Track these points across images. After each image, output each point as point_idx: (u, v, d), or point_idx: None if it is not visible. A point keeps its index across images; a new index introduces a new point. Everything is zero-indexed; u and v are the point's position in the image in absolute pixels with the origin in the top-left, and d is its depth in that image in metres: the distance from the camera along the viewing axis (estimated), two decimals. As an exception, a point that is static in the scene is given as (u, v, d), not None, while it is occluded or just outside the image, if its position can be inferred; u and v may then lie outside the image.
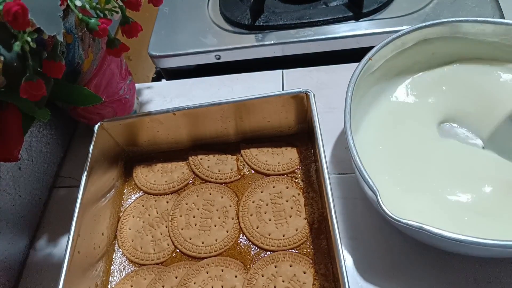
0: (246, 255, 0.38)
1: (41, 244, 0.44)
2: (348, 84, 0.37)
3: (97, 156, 0.40)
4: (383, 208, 0.30)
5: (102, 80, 0.42)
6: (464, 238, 0.28)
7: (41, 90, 0.28)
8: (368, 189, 0.32)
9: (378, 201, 0.30)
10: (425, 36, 0.41)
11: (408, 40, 0.41)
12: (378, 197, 0.31)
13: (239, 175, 0.43)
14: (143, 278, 0.38)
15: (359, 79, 0.38)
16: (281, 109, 0.42)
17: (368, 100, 0.42)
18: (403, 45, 0.41)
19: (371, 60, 0.39)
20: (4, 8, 0.23)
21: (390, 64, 0.42)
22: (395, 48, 0.41)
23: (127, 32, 0.33)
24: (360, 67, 0.38)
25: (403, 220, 0.29)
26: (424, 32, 0.40)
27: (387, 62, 0.41)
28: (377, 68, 0.41)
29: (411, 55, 0.42)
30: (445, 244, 0.32)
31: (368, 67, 0.39)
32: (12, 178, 0.41)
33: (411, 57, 0.42)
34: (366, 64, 0.38)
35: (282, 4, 0.60)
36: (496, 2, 0.52)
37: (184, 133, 0.44)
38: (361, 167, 0.32)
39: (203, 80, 0.56)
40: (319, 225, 0.38)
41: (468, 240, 0.28)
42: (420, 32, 0.40)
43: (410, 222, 0.29)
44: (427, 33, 0.41)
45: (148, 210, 0.43)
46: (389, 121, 0.42)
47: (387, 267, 0.36)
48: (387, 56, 0.41)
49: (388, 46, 0.40)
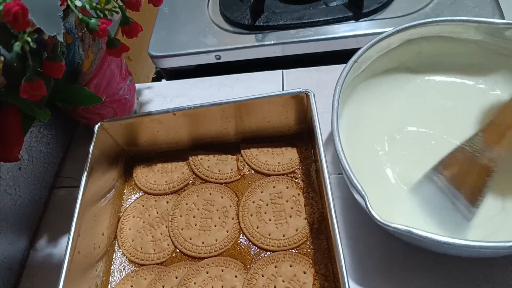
0: (246, 255, 0.38)
1: (41, 244, 0.44)
2: (335, 88, 0.37)
3: (97, 156, 0.40)
4: (372, 213, 0.30)
5: (102, 80, 0.42)
6: (452, 241, 0.28)
7: (41, 90, 0.28)
8: (356, 194, 0.32)
9: (367, 206, 0.30)
10: (410, 36, 0.41)
11: (393, 41, 0.41)
12: (367, 201, 0.31)
13: (239, 175, 0.43)
14: (143, 278, 0.38)
15: (346, 81, 0.38)
16: (281, 109, 0.42)
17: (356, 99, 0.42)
18: (388, 46, 0.41)
19: (357, 62, 0.39)
20: (4, 8, 0.23)
21: (376, 65, 0.42)
22: (380, 49, 0.41)
23: (127, 32, 0.33)
24: (346, 70, 0.38)
25: (392, 224, 0.29)
26: (409, 32, 0.40)
27: (373, 63, 0.42)
28: (363, 69, 0.41)
29: (397, 55, 0.42)
30: (435, 247, 0.32)
31: (354, 69, 0.39)
32: (12, 178, 0.41)
33: (396, 58, 0.43)
34: (352, 66, 0.38)
35: (282, 4, 0.60)
36: (496, 2, 0.52)
37: (184, 133, 0.44)
38: (349, 172, 0.32)
39: (203, 80, 0.56)
40: (319, 225, 0.38)
41: (456, 243, 0.28)
42: (404, 33, 0.40)
43: (399, 226, 0.29)
44: (411, 34, 0.41)
45: (148, 210, 0.43)
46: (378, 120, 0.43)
47: (387, 267, 0.36)
48: (373, 57, 0.41)
49: (373, 47, 0.40)
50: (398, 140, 0.41)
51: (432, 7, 0.54)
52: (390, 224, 0.29)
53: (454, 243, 0.28)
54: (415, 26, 0.40)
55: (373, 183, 0.35)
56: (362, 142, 0.41)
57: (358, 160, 0.35)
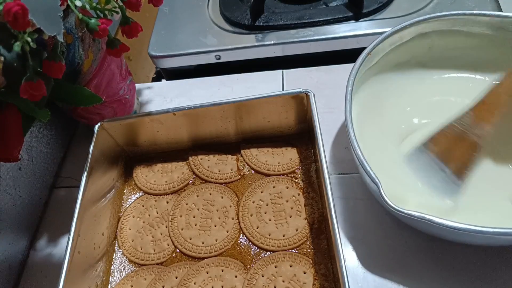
0: (246, 255, 0.38)
1: (41, 244, 0.44)
2: (348, 79, 0.37)
3: (97, 156, 0.40)
4: (386, 199, 0.30)
5: (102, 80, 0.42)
6: (465, 227, 0.28)
7: (41, 90, 0.28)
8: (370, 182, 0.32)
9: (381, 193, 0.30)
10: (422, 30, 0.41)
11: (406, 34, 0.41)
12: (381, 189, 0.31)
13: (239, 175, 0.43)
14: (143, 278, 0.38)
15: (358, 74, 0.38)
16: (281, 109, 0.42)
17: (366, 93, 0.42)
18: (401, 39, 0.41)
19: (370, 55, 0.39)
20: (4, 8, 0.23)
21: (388, 58, 0.42)
22: (393, 42, 0.41)
23: (127, 32, 0.33)
24: (359, 62, 0.38)
25: (405, 210, 0.29)
26: (422, 26, 0.41)
27: (385, 56, 0.42)
28: (376, 62, 0.41)
29: (408, 49, 0.43)
30: (447, 234, 0.32)
31: (367, 61, 0.39)
32: (12, 178, 0.41)
33: (408, 51, 0.43)
34: (365, 59, 0.39)
35: (282, 4, 0.60)
36: (496, 2, 0.52)
37: (184, 133, 0.44)
38: (363, 160, 0.33)
39: (203, 80, 0.56)
40: (319, 225, 0.38)
41: (468, 228, 0.28)
42: (417, 27, 0.41)
43: (413, 213, 0.29)
44: (424, 27, 0.41)
45: (148, 210, 0.43)
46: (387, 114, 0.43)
47: (387, 267, 0.36)
48: (385, 50, 0.41)
49: (386, 40, 0.40)
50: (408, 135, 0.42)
51: (432, 7, 0.54)
52: (404, 211, 0.29)
53: (467, 228, 0.28)
54: (428, 20, 0.40)
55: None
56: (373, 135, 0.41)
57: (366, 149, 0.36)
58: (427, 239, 0.37)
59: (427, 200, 0.37)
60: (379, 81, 0.44)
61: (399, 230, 0.38)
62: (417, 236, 0.37)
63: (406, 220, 0.33)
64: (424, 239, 0.37)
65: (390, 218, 0.39)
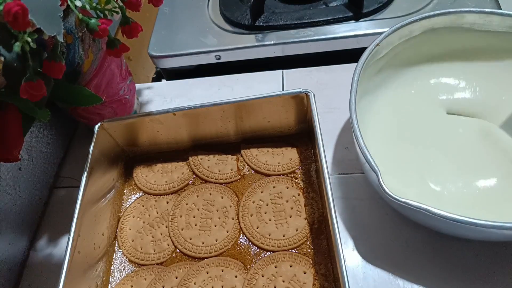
0: (246, 255, 0.38)
1: (41, 244, 0.44)
2: (355, 69, 0.37)
3: (97, 156, 0.40)
4: (384, 187, 0.30)
5: (102, 81, 0.42)
6: (461, 218, 0.28)
7: (41, 91, 0.28)
8: (369, 169, 0.32)
9: (379, 181, 0.30)
10: (433, 25, 0.41)
11: (415, 28, 0.41)
12: (379, 176, 0.31)
13: (239, 175, 0.43)
14: (143, 278, 0.38)
15: (365, 66, 0.38)
16: (281, 109, 0.42)
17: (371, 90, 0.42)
18: (410, 33, 0.41)
19: (379, 45, 0.39)
20: (4, 8, 0.23)
21: (396, 52, 0.42)
22: (402, 36, 0.41)
23: (127, 32, 0.33)
24: (367, 52, 0.38)
25: (402, 199, 0.29)
26: (432, 21, 0.41)
27: (393, 49, 0.42)
28: (383, 55, 0.41)
29: (416, 44, 0.42)
30: (443, 225, 0.32)
31: (375, 53, 0.39)
32: (12, 178, 0.41)
33: (416, 47, 0.43)
34: (374, 49, 0.39)
35: (282, 4, 0.60)
36: (496, 2, 0.52)
37: (184, 133, 0.44)
38: (364, 147, 0.33)
39: (203, 80, 0.56)
40: (319, 225, 0.38)
41: (465, 220, 0.28)
42: (428, 21, 0.40)
43: (409, 202, 0.29)
44: (434, 23, 0.41)
45: (148, 210, 0.43)
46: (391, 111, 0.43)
47: (388, 267, 0.36)
48: (394, 44, 0.41)
49: (396, 33, 0.40)
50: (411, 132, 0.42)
51: (432, 7, 0.55)
52: (401, 199, 0.29)
53: (463, 220, 0.28)
54: (438, 15, 0.40)
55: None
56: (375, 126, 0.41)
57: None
58: (427, 238, 0.37)
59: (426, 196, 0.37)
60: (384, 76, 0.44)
61: (399, 230, 0.38)
62: (418, 235, 0.37)
63: (403, 210, 0.33)
64: (424, 239, 0.37)
65: (390, 217, 0.39)
